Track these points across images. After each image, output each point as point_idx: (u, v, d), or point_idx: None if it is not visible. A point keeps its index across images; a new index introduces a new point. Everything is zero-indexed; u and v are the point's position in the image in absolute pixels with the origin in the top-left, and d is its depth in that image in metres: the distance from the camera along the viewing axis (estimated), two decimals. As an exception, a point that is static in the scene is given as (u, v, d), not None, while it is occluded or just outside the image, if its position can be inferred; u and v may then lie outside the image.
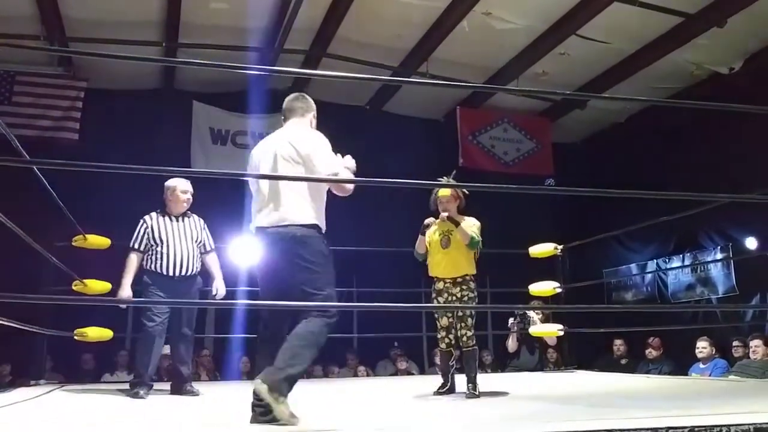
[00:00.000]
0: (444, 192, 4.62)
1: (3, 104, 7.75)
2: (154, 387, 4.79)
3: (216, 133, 9.03)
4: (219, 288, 4.92)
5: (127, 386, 4.74)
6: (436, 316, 4.78)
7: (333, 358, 8.29)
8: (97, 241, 5.09)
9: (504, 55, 8.43)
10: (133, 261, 4.74)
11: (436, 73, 8.34)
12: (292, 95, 3.49)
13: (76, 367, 7.56)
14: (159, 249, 4.73)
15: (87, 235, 5.05)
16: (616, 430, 2.31)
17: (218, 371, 8.06)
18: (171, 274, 4.71)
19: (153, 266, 4.73)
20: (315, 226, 3.11)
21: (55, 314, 5.55)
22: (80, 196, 4.57)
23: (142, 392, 4.50)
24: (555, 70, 8.50)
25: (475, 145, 9.45)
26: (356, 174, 3.30)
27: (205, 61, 3.22)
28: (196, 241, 4.85)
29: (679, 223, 7.07)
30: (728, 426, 2.38)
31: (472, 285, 4.63)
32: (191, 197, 4.90)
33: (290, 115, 3.40)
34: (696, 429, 2.36)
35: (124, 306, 5.09)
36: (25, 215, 3.84)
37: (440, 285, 4.64)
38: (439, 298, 4.63)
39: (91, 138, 7.80)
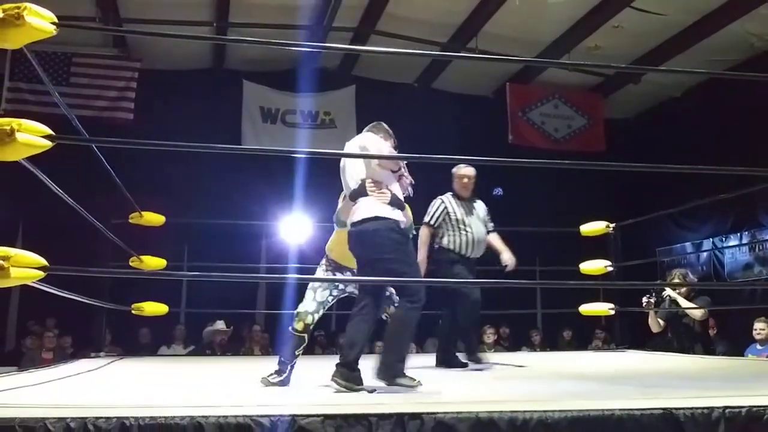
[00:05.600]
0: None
1: (61, 85, 7.99)
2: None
3: (266, 112, 9.13)
4: (508, 261, 5.01)
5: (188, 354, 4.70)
6: None
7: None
8: (153, 219, 5.18)
9: (555, 29, 8.26)
10: (426, 235, 4.94)
11: (486, 49, 8.23)
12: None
13: (134, 341, 7.81)
14: (461, 230, 4.92)
15: (143, 213, 5.17)
16: (671, 408, 2.26)
17: (271, 347, 8.19)
18: (469, 254, 4.92)
19: (454, 246, 4.91)
20: (376, 218, 3.22)
21: (112, 289, 5.72)
22: (135, 174, 4.65)
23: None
24: (608, 43, 8.29)
25: (525, 122, 9.31)
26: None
27: (255, 39, 3.25)
28: (485, 224, 5.09)
29: (737, 200, 6.87)
30: (788, 407, 2.31)
31: None
32: (468, 180, 5.03)
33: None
34: (754, 409, 2.30)
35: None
36: (83, 193, 3.97)
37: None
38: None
39: (145, 117, 7.98)
